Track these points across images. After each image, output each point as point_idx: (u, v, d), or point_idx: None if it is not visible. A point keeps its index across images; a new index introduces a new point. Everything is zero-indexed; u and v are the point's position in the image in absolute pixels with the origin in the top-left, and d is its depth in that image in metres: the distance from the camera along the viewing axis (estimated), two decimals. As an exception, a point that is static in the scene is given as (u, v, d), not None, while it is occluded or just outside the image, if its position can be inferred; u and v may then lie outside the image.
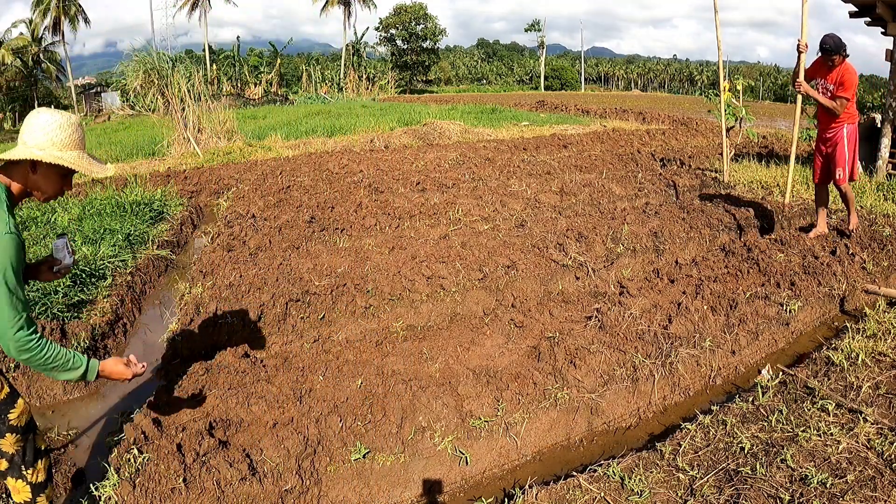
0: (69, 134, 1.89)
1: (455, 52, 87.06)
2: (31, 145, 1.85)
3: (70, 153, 1.89)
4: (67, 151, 1.89)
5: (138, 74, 11.57)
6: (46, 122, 1.87)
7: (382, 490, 2.55)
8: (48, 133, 1.86)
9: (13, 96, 38.96)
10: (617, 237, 5.49)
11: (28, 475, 2.01)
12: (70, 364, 1.89)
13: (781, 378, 3.22)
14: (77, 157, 1.90)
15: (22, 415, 1.98)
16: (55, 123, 1.87)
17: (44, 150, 1.85)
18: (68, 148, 1.89)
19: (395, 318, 4.08)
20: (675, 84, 75.80)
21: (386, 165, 9.62)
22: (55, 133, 1.86)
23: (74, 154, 1.90)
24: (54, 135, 1.86)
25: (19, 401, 1.98)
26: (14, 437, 1.96)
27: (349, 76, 39.88)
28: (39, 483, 2.05)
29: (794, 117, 5.60)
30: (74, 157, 1.89)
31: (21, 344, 1.76)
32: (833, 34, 4.92)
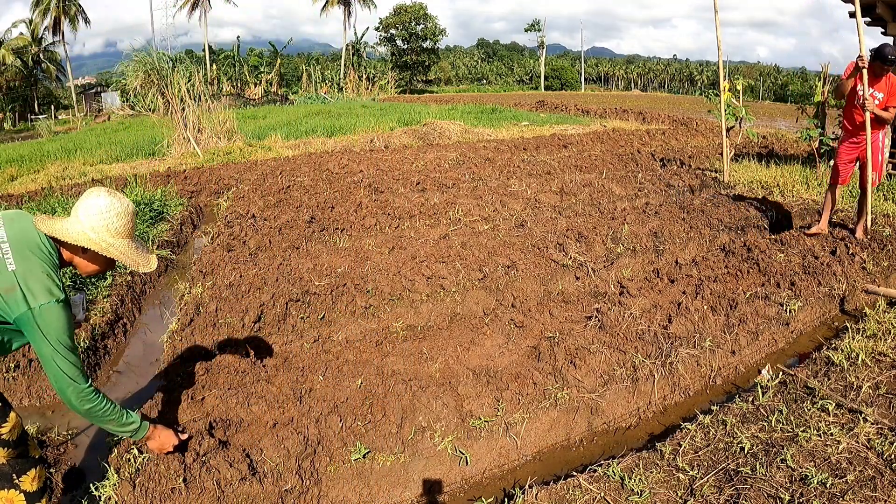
0: (124, 223, 1.97)
1: (455, 52, 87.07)
2: (86, 226, 1.92)
3: (121, 241, 1.97)
4: (119, 239, 1.97)
5: (138, 74, 11.58)
6: (106, 208, 1.93)
7: (382, 490, 2.55)
8: (105, 219, 1.93)
9: (13, 96, 38.95)
10: (617, 237, 5.49)
11: (22, 484, 2.01)
12: (124, 420, 2.05)
13: (781, 378, 3.22)
14: (125, 247, 1.98)
15: (14, 429, 1.98)
16: (113, 211, 1.94)
17: (97, 234, 1.93)
18: (121, 236, 1.97)
19: (395, 318, 4.08)
20: (675, 84, 75.79)
21: (386, 165, 9.62)
22: (111, 220, 1.94)
23: (124, 243, 1.98)
24: (110, 222, 1.93)
25: (11, 414, 1.98)
26: (6, 451, 1.96)
27: (349, 76, 39.90)
28: (34, 492, 2.05)
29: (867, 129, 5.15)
30: (123, 247, 1.98)
31: (84, 395, 1.88)
32: (890, 45, 4.94)
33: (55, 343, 1.80)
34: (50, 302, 1.79)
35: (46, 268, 1.83)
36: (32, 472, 2.04)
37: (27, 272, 1.79)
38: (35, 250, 1.84)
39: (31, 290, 1.78)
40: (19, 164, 11.04)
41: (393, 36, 57.80)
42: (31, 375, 3.43)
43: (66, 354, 1.83)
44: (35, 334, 1.80)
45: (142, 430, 2.13)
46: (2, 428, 1.93)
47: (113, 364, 3.86)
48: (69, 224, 1.92)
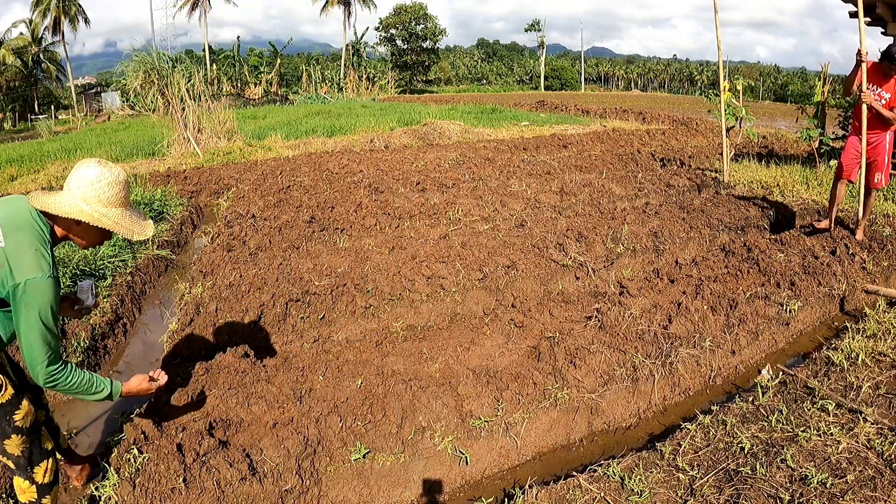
0: (116, 192, 1.96)
1: (455, 52, 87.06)
2: (77, 197, 1.92)
3: (114, 211, 1.97)
4: (112, 209, 1.96)
5: (138, 74, 11.58)
6: (96, 178, 1.93)
7: (382, 490, 2.55)
8: (96, 189, 1.92)
9: (13, 96, 38.95)
10: (617, 237, 5.49)
11: (35, 475, 2.06)
12: (94, 388, 2.00)
13: (781, 378, 3.22)
14: (119, 216, 1.98)
15: (27, 416, 2.01)
16: (104, 180, 1.94)
17: (89, 204, 1.93)
18: (113, 205, 1.97)
19: (395, 318, 4.08)
20: (675, 84, 75.78)
21: (386, 165, 9.62)
22: (103, 190, 1.93)
23: (118, 212, 1.98)
24: (101, 192, 1.93)
25: (24, 402, 2.01)
26: (20, 438, 2.00)
27: (349, 76, 39.89)
28: (46, 484, 2.09)
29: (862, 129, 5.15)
30: (117, 216, 1.97)
31: (48, 376, 1.87)
32: None
33: (35, 318, 1.80)
34: (37, 277, 1.80)
35: (36, 243, 1.84)
36: (45, 463, 2.08)
37: (16, 249, 1.80)
38: (26, 227, 1.85)
39: (20, 266, 1.79)
40: (19, 164, 11.04)
41: (393, 36, 57.80)
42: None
43: (44, 332, 1.83)
44: (19, 307, 1.80)
45: (115, 392, 2.09)
46: (16, 414, 1.97)
47: (113, 364, 3.86)
48: (61, 197, 1.92)
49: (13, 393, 1.98)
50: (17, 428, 1.98)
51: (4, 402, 1.96)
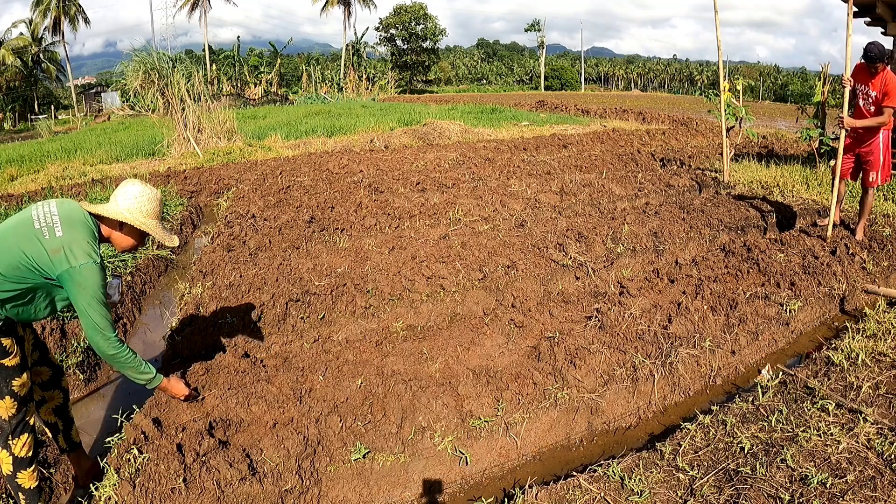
0: (154, 207, 2.36)
1: (455, 52, 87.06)
2: (122, 208, 2.29)
3: (151, 221, 2.35)
4: (150, 220, 2.34)
5: (138, 74, 11.58)
6: (140, 193, 2.32)
7: (382, 490, 2.55)
8: (139, 202, 2.31)
9: (13, 96, 38.94)
10: (617, 237, 5.49)
11: (12, 446, 2.20)
12: (142, 368, 2.36)
13: (781, 378, 3.22)
14: (155, 226, 2.36)
15: (23, 386, 2.22)
16: (145, 196, 2.33)
17: (132, 214, 2.30)
18: (151, 217, 2.35)
19: (395, 318, 4.08)
20: (675, 84, 75.77)
21: (386, 165, 9.62)
22: (144, 204, 2.32)
23: (154, 223, 2.36)
24: (142, 205, 2.32)
25: (25, 375, 2.23)
26: (12, 401, 2.18)
27: (349, 76, 39.91)
28: (22, 458, 2.22)
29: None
30: (153, 225, 2.35)
31: (110, 342, 2.21)
32: (878, 42, 5.01)
33: (90, 297, 2.13)
34: (88, 263, 2.11)
35: (87, 237, 2.16)
36: (25, 436, 2.23)
37: (71, 239, 2.12)
38: (79, 224, 2.17)
39: (74, 253, 2.10)
40: (19, 164, 11.04)
41: (393, 36, 57.80)
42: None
43: (98, 308, 2.15)
44: (74, 289, 2.11)
45: (155, 381, 2.44)
46: (15, 380, 2.19)
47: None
48: (109, 206, 2.30)
49: (19, 362, 2.20)
50: (12, 391, 2.18)
51: (10, 367, 2.17)
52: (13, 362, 2.17)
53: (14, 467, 2.21)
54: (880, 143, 5.27)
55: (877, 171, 5.33)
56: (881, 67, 4.99)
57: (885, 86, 4.99)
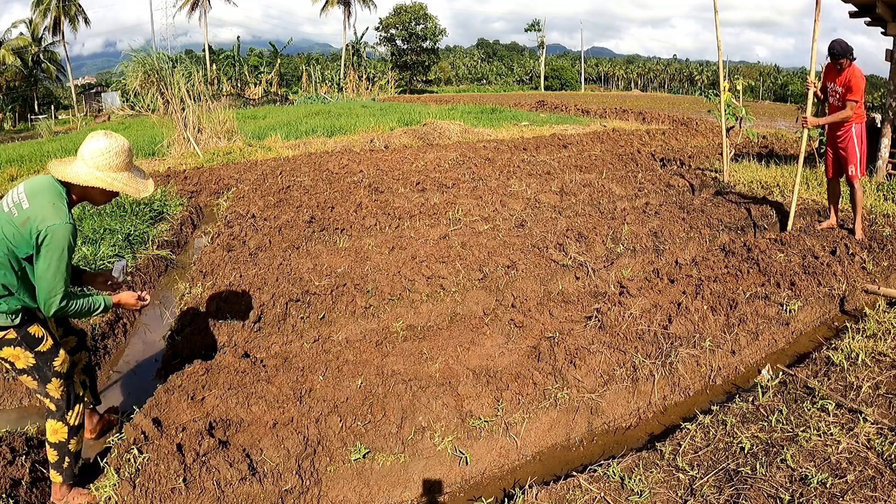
0: (122, 159, 2.34)
1: (455, 52, 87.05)
2: (91, 166, 2.29)
3: (122, 174, 2.35)
4: (120, 173, 2.34)
5: (138, 74, 11.57)
6: (105, 148, 2.30)
7: (382, 490, 2.55)
8: (106, 158, 2.30)
9: (13, 96, 38.93)
10: (617, 237, 5.49)
11: (69, 418, 2.42)
12: (92, 308, 2.37)
13: (781, 378, 3.22)
14: (126, 178, 2.36)
15: (64, 363, 2.41)
16: (112, 150, 2.31)
17: (102, 171, 2.31)
18: (121, 170, 2.35)
19: (395, 318, 4.08)
20: (675, 84, 75.78)
21: (386, 165, 9.62)
22: (111, 158, 2.31)
23: (125, 175, 2.36)
24: (111, 160, 2.31)
25: (61, 351, 2.41)
26: (59, 381, 2.38)
27: (349, 76, 39.89)
28: (75, 426, 2.44)
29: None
30: (125, 179, 2.35)
31: (58, 308, 2.23)
32: (841, 39, 5.21)
33: (54, 259, 2.16)
34: (58, 223, 2.15)
35: (54, 199, 2.21)
36: (77, 407, 2.46)
37: (37, 206, 2.18)
38: (45, 192, 2.22)
39: (43, 217, 2.15)
40: (19, 164, 11.03)
41: (393, 36, 57.79)
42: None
43: (60, 271, 2.18)
44: (41, 251, 2.15)
45: (108, 305, 2.46)
46: (55, 361, 2.36)
47: (113, 364, 3.86)
48: (77, 167, 2.29)
49: (52, 343, 2.37)
50: (56, 372, 2.37)
51: (46, 351, 2.34)
52: (47, 346, 2.34)
53: (69, 435, 2.41)
54: (853, 136, 5.41)
55: (855, 164, 5.44)
56: (846, 64, 5.18)
57: (848, 81, 5.21)
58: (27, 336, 2.29)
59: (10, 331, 2.26)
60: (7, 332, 2.26)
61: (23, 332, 2.29)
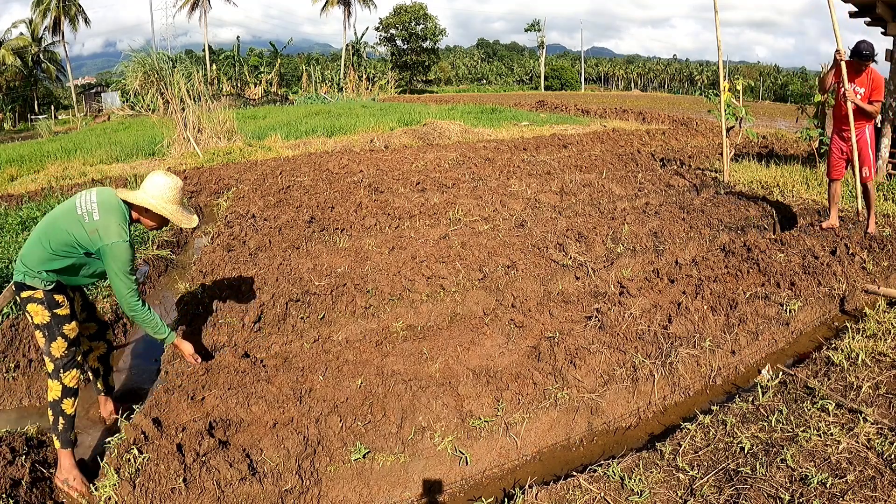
0: (174, 194, 2.82)
1: (455, 53, 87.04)
2: (149, 194, 2.77)
3: (171, 206, 2.81)
4: (170, 205, 2.80)
5: (138, 75, 11.57)
6: (163, 183, 2.79)
7: (382, 490, 2.55)
8: (161, 190, 2.79)
9: (13, 96, 38.93)
10: (617, 237, 5.49)
11: (63, 377, 2.71)
12: (158, 328, 2.87)
13: (781, 378, 3.22)
14: (175, 210, 2.82)
15: (72, 331, 2.77)
16: (167, 186, 2.80)
17: (156, 200, 2.77)
18: (171, 203, 2.81)
19: (395, 318, 4.08)
20: (675, 84, 75.76)
21: (386, 165, 9.62)
22: (166, 192, 2.79)
23: (174, 208, 2.83)
24: (164, 193, 2.79)
25: (73, 322, 2.78)
26: (63, 342, 2.72)
27: (349, 76, 39.88)
28: (70, 388, 2.73)
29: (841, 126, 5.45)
30: (174, 210, 2.82)
31: (130, 307, 2.76)
32: (867, 40, 5.23)
33: (118, 269, 2.65)
34: (118, 241, 2.62)
35: (119, 220, 2.66)
36: (74, 371, 2.76)
37: (106, 222, 2.63)
38: (113, 209, 2.67)
39: (107, 233, 2.61)
40: (19, 164, 11.03)
41: (393, 36, 57.79)
42: (31, 375, 3.43)
43: (124, 277, 2.68)
44: (107, 262, 2.65)
45: (169, 338, 2.94)
46: (66, 327, 2.73)
47: (113, 364, 3.85)
48: (138, 193, 2.77)
49: (68, 312, 2.75)
50: (63, 334, 2.71)
51: (61, 315, 2.72)
52: (64, 312, 2.73)
53: (62, 395, 2.70)
54: (867, 137, 5.45)
55: (868, 165, 5.49)
56: (868, 66, 5.24)
57: (872, 82, 5.25)
58: (51, 298, 2.69)
59: (39, 291, 2.67)
60: (36, 292, 2.67)
61: (49, 294, 2.69)
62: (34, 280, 2.65)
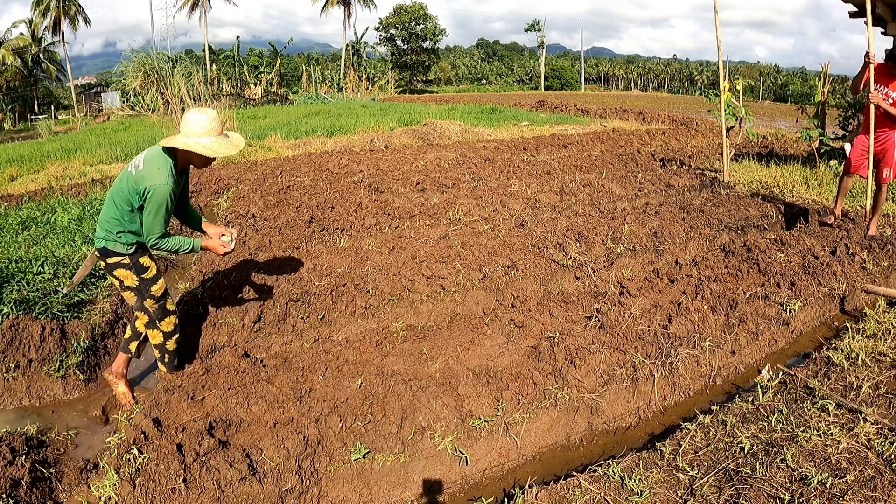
0: (207, 127, 2.93)
1: (455, 52, 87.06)
2: (184, 135, 2.93)
3: (206, 139, 2.93)
4: (205, 138, 2.93)
5: (138, 75, 11.58)
6: (194, 120, 2.92)
7: (382, 490, 2.55)
8: (194, 128, 2.92)
9: (13, 96, 38.94)
10: (617, 237, 5.49)
11: (161, 325, 3.18)
12: (181, 246, 3.06)
13: (781, 378, 3.22)
14: (210, 143, 2.93)
15: (159, 289, 3.14)
16: (198, 121, 2.92)
17: (190, 138, 2.92)
18: (208, 135, 2.94)
19: (395, 318, 4.08)
20: (675, 84, 75.76)
21: (386, 165, 9.62)
22: (198, 127, 2.92)
23: (210, 140, 2.94)
24: (197, 129, 2.92)
25: (160, 280, 3.14)
26: (152, 301, 3.12)
27: (349, 76, 39.86)
28: (169, 332, 3.21)
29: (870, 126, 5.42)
30: (208, 143, 2.93)
31: (154, 244, 2.98)
32: None
33: (155, 210, 2.88)
34: (154, 185, 2.85)
35: (159, 166, 2.89)
36: (169, 318, 3.21)
37: (147, 169, 2.90)
38: (154, 159, 2.93)
39: (150, 178, 2.86)
40: (19, 164, 11.02)
41: (393, 36, 57.81)
42: (31, 375, 3.43)
43: (159, 219, 2.90)
44: (148, 204, 2.89)
45: (196, 248, 3.13)
46: (153, 287, 3.09)
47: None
48: (178, 138, 2.94)
49: (155, 273, 3.10)
50: (152, 295, 3.10)
51: (149, 278, 3.07)
52: (150, 275, 3.07)
53: (164, 338, 3.20)
54: (894, 141, 5.44)
55: (891, 167, 5.49)
56: None
57: None
58: (137, 263, 3.02)
59: (125, 258, 2.98)
60: (123, 259, 2.99)
61: (135, 259, 3.01)
62: (116, 245, 2.96)
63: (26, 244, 5.21)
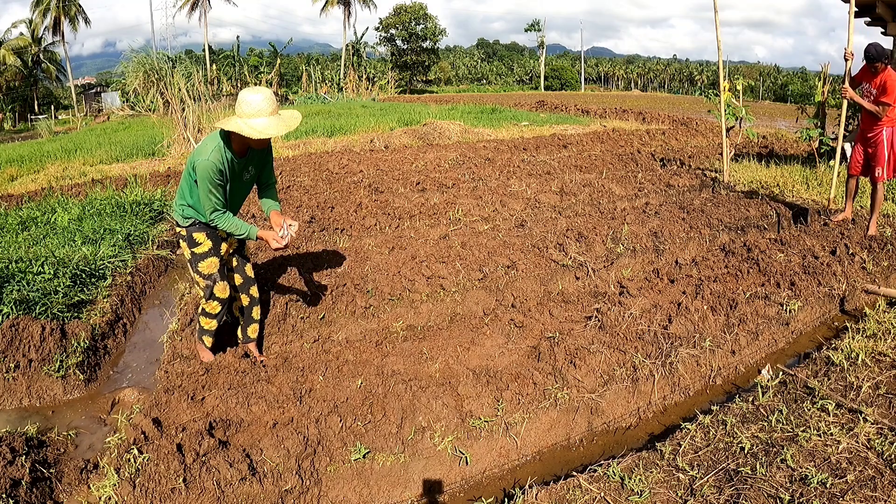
0: (259, 107, 2.91)
1: (455, 52, 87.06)
2: (236, 117, 2.94)
3: (256, 120, 2.91)
4: (255, 119, 2.91)
5: (138, 75, 11.56)
6: (245, 101, 2.91)
7: (382, 490, 2.55)
8: (245, 109, 2.91)
9: (13, 96, 38.93)
10: (617, 237, 5.49)
11: (205, 305, 3.34)
12: (237, 228, 3.09)
13: (781, 378, 3.22)
14: (259, 124, 2.90)
15: (208, 266, 3.23)
16: (248, 102, 2.91)
17: (242, 120, 2.91)
18: (259, 115, 2.92)
19: (395, 318, 4.08)
20: (675, 84, 75.76)
21: (386, 165, 9.62)
22: (248, 108, 2.90)
23: (259, 121, 2.91)
24: (247, 109, 2.91)
25: (211, 259, 3.23)
26: (200, 278, 3.26)
27: (349, 76, 39.87)
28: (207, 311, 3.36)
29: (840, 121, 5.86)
30: (257, 124, 2.90)
31: (212, 216, 3.05)
32: (877, 43, 5.41)
33: (204, 184, 2.95)
34: (203, 159, 2.92)
35: (212, 146, 2.96)
36: (213, 302, 3.33)
37: (201, 147, 3.01)
38: (208, 140, 3.01)
39: (197, 154, 2.97)
40: (19, 164, 11.03)
41: (393, 36, 57.82)
42: (31, 375, 3.43)
43: (208, 193, 2.97)
44: (197, 178, 2.99)
45: (252, 233, 3.11)
46: (202, 263, 3.22)
47: (113, 364, 3.86)
48: (230, 120, 2.96)
49: (207, 250, 3.20)
50: (198, 271, 3.23)
51: (199, 253, 3.20)
52: (201, 250, 3.19)
53: (201, 312, 3.37)
54: (884, 138, 5.49)
55: (882, 166, 5.54)
56: (881, 67, 5.33)
57: (884, 83, 5.35)
58: (190, 237, 3.17)
59: (183, 229, 3.16)
60: (182, 230, 3.17)
61: (188, 232, 3.16)
62: (178, 216, 3.16)
63: (26, 244, 5.21)
